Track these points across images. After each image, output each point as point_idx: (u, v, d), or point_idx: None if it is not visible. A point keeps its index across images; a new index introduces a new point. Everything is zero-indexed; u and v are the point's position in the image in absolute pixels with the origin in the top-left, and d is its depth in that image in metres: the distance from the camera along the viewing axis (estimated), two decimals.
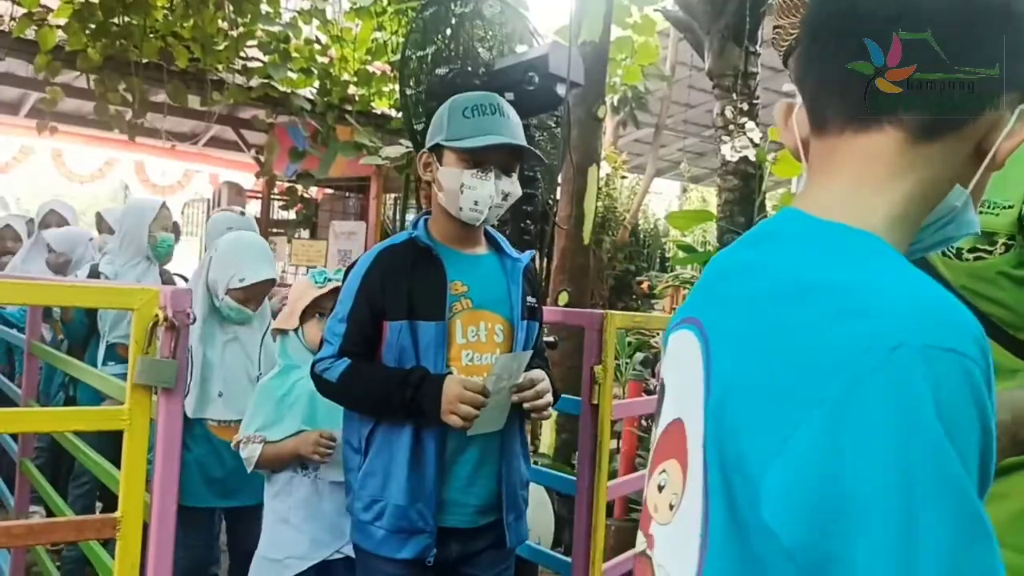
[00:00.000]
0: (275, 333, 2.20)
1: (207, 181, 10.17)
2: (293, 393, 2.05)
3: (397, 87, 3.26)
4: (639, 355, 6.93)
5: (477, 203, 1.75)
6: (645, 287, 10.09)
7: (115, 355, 3.09)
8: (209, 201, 9.52)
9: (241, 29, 5.95)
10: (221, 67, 6.04)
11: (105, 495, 3.25)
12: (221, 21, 5.80)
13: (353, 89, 6.71)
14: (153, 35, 5.61)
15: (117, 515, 1.48)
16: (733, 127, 4.95)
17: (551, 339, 2.76)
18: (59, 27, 5.38)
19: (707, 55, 5.14)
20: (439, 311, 1.72)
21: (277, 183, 8.35)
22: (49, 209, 4.26)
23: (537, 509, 3.30)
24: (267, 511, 2.08)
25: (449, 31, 2.78)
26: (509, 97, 2.51)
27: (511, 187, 1.80)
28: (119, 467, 1.52)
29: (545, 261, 3.66)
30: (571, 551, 2.28)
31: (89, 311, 3.22)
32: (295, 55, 6.40)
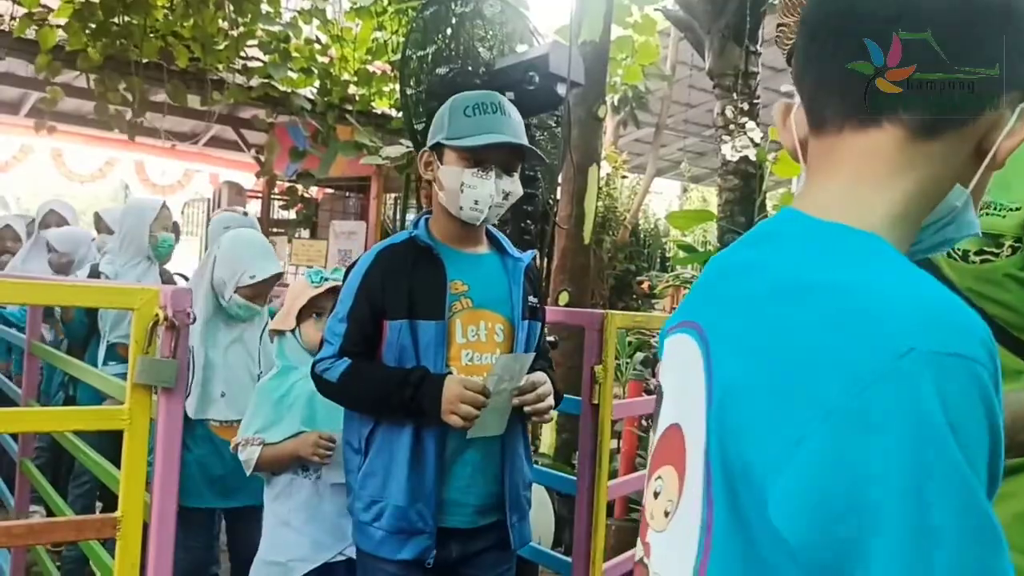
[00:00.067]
0: (272, 334, 2.19)
1: (207, 181, 10.17)
2: (292, 394, 2.04)
3: (397, 87, 3.26)
4: (639, 355, 6.94)
5: (477, 202, 1.75)
6: (645, 287, 10.10)
7: (115, 355, 3.09)
8: (209, 201, 9.53)
9: (241, 29, 5.95)
10: (221, 67, 6.04)
11: (105, 495, 3.25)
12: (221, 21, 5.80)
13: (353, 89, 6.71)
14: (153, 35, 5.62)
15: (117, 515, 1.48)
16: (734, 127, 4.95)
17: (552, 339, 2.75)
18: (59, 27, 5.39)
19: (707, 55, 5.14)
20: (439, 310, 1.72)
21: (277, 183, 8.35)
22: (49, 209, 4.26)
23: (537, 509, 3.30)
24: (267, 514, 2.06)
25: (449, 31, 2.78)
26: (509, 96, 2.51)
27: (512, 186, 1.79)
28: (119, 467, 1.52)
29: (545, 261, 3.66)
30: (571, 551, 2.28)
31: (89, 311, 3.22)
32: (295, 55, 6.40)
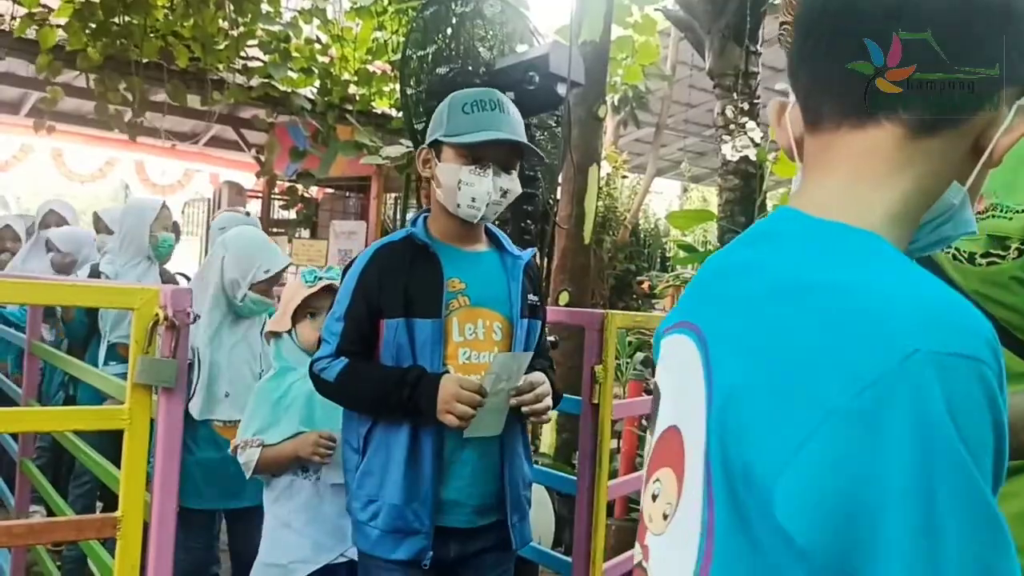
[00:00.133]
0: (268, 336, 2.18)
1: (207, 181, 10.17)
2: (290, 395, 2.03)
3: (398, 87, 3.26)
4: (639, 355, 6.94)
5: (475, 200, 1.74)
6: (646, 287, 10.10)
7: (116, 355, 3.09)
8: (209, 201, 9.53)
9: (241, 28, 5.96)
10: (221, 66, 6.04)
11: (106, 495, 3.25)
12: (222, 20, 5.80)
13: (354, 89, 6.71)
14: (153, 34, 5.62)
15: (117, 515, 1.48)
16: (734, 127, 4.96)
17: (552, 339, 2.75)
18: (59, 27, 5.39)
19: (708, 54, 5.14)
20: (435, 308, 1.70)
21: (277, 183, 8.35)
22: (49, 209, 4.25)
23: (537, 509, 3.30)
24: (267, 516, 2.05)
25: (450, 30, 2.78)
26: (510, 96, 2.51)
27: (510, 184, 1.78)
28: (119, 467, 1.52)
29: (545, 261, 3.66)
30: (571, 551, 2.28)
31: (90, 311, 3.22)
32: (295, 55, 6.40)
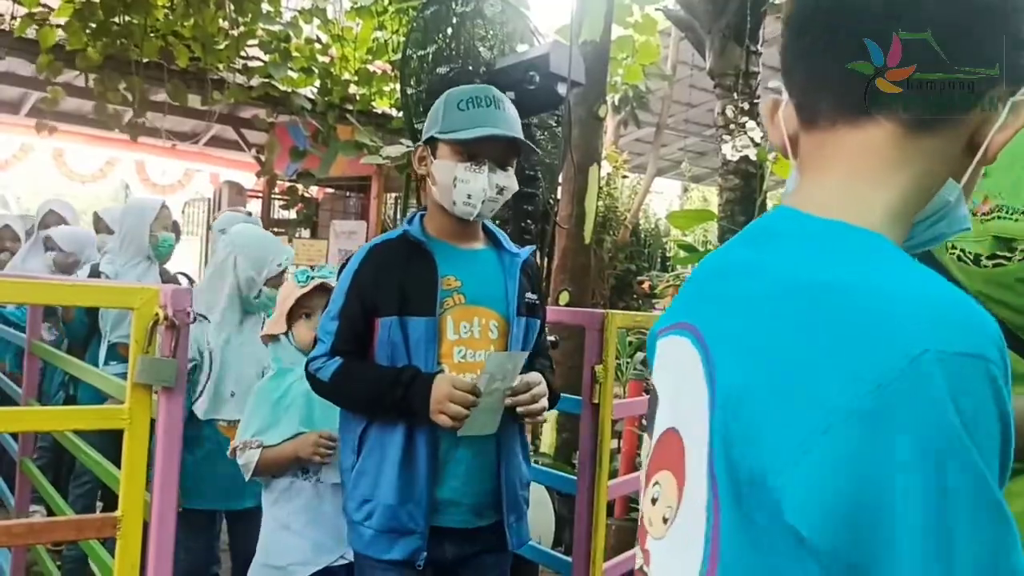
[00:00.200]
0: (266, 339, 2.17)
1: (208, 180, 10.17)
2: (289, 395, 2.02)
3: (398, 86, 3.26)
4: (640, 354, 6.94)
5: (470, 196, 1.72)
6: (646, 287, 10.10)
7: (116, 355, 3.09)
8: (210, 201, 9.53)
9: (242, 28, 5.96)
10: (222, 66, 6.04)
11: (106, 495, 3.25)
12: (222, 20, 5.80)
13: (354, 88, 6.71)
14: (154, 34, 5.62)
15: (117, 514, 1.48)
16: (734, 126, 4.95)
17: (552, 338, 2.75)
18: (59, 26, 5.39)
19: (708, 54, 5.14)
20: (429, 306, 1.69)
21: (278, 182, 8.35)
22: (48, 210, 4.25)
23: (537, 508, 3.30)
24: (266, 517, 2.04)
25: (450, 30, 2.78)
26: (510, 96, 2.51)
27: (506, 181, 1.76)
28: (120, 467, 1.52)
29: (546, 260, 3.66)
30: (571, 551, 2.27)
31: (90, 311, 3.22)
32: (296, 54, 6.40)
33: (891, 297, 0.57)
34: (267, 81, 6.35)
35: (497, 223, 1.92)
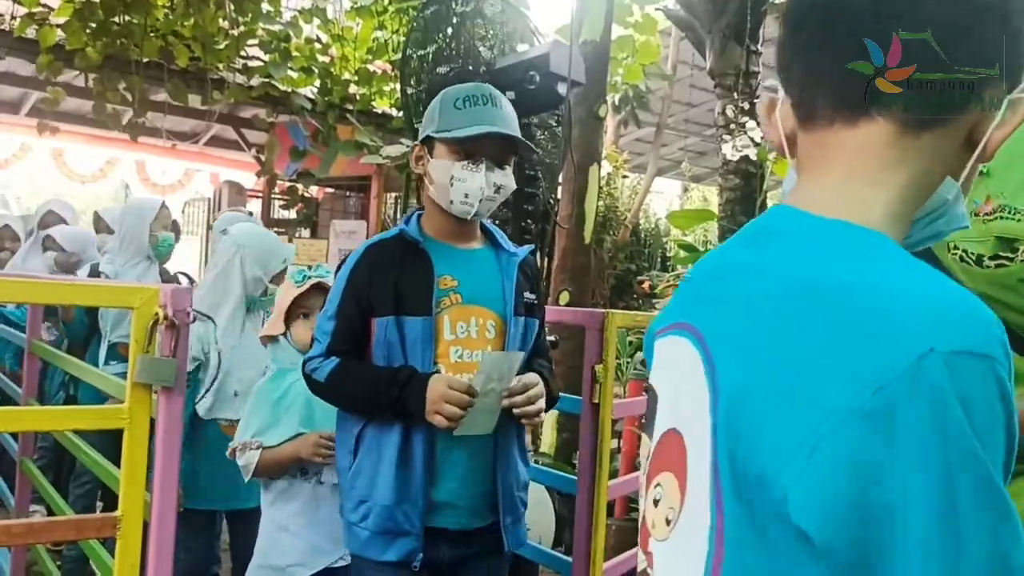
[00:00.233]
0: (264, 340, 2.16)
1: (208, 180, 10.17)
2: (289, 396, 2.01)
3: (398, 86, 3.26)
4: (640, 354, 6.93)
5: (467, 196, 1.70)
6: (646, 287, 10.09)
7: (117, 354, 3.09)
8: (210, 200, 9.53)
9: (242, 28, 5.96)
10: (222, 66, 6.04)
11: (106, 495, 3.25)
12: (222, 20, 5.80)
13: (354, 88, 6.71)
14: (154, 34, 5.62)
15: (117, 514, 1.48)
16: (734, 126, 4.95)
17: (552, 338, 2.75)
18: (59, 26, 5.39)
19: (708, 54, 5.14)
20: (425, 306, 1.67)
21: (278, 182, 8.36)
22: (48, 210, 4.25)
23: (537, 508, 3.29)
24: (265, 518, 2.03)
25: (450, 30, 2.78)
26: (510, 96, 2.51)
27: (504, 179, 1.74)
28: (120, 467, 1.52)
29: (546, 260, 3.66)
30: (572, 551, 2.27)
31: (90, 311, 3.22)
32: (296, 54, 6.40)
33: (895, 296, 0.57)
34: (267, 81, 6.35)
35: (497, 223, 1.91)
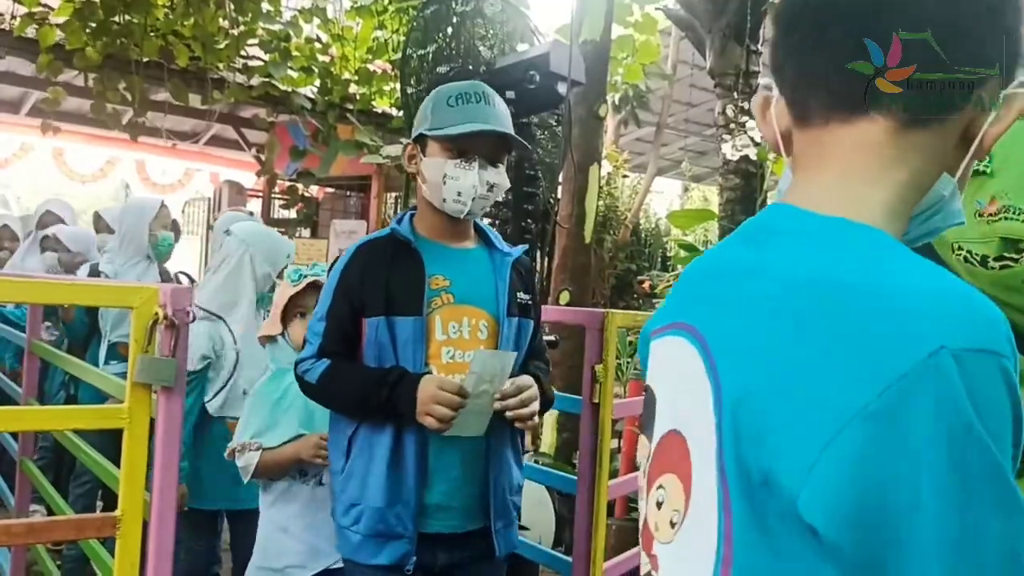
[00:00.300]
0: (263, 340, 2.16)
1: (208, 180, 10.17)
2: (288, 396, 2.00)
3: (398, 86, 3.26)
4: None
5: (460, 194, 1.68)
6: (646, 286, 10.09)
7: (117, 354, 3.10)
8: (210, 200, 9.52)
9: (242, 28, 5.96)
10: (222, 66, 6.04)
11: (106, 495, 3.25)
12: (222, 20, 5.80)
13: (354, 88, 6.71)
14: (154, 33, 5.62)
15: (117, 514, 1.48)
16: (734, 126, 4.95)
17: (552, 338, 2.75)
18: (59, 26, 5.39)
19: (708, 54, 5.13)
20: (416, 305, 1.65)
21: (278, 182, 8.35)
22: (46, 210, 4.25)
23: (537, 508, 3.30)
24: (264, 520, 2.03)
25: (450, 30, 2.78)
26: (510, 95, 2.51)
27: (497, 178, 1.72)
28: (120, 466, 1.52)
29: (546, 260, 3.66)
30: (572, 550, 2.27)
31: (90, 310, 3.22)
32: (296, 54, 6.40)
33: (902, 294, 0.56)
34: (267, 80, 6.34)
35: (497, 223, 1.91)
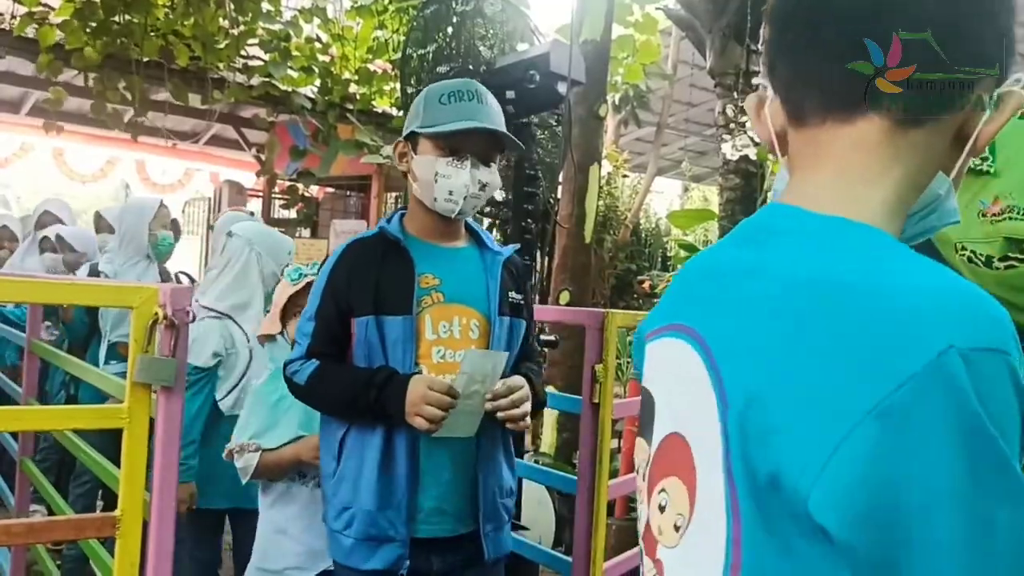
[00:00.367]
0: (262, 339, 2.16)
1: (208, 180, 10.17)
2: (287, 397, 1.96)
3: (398, 85, 3.26)
4: None
5: (452, 193, 1.66)
6: (647, 286, 10.09)
7: (117, 354, 3.10)
8: (210, 200, 9.53)
9: (242, 27, 5.96)
10: (222, 65, 6.04)
11: (106, 495, 3.25)
12: (222, 19, 5.80)
13: (354, 87, 6.71)
14: (154, 33, 5.62)
15: (117, 514, 1.48)
16: (734, 126, 4.95)
17: (552, 338, 2.75)
18: (59, 25, 5.39)
19: (709, 53, 5.13)
20: (406, 305, 1.63)
21: (278, 182, 8.35)
22: (44, 210, 4.25)
23: (538, 508, 3.30)
24: (263, 521, 2.02)
25: (450, 29, 2.78)
26: (510, 95, 2.51)
27: (489, 177, 1.70)
28: (120, 466, 1.51)
29: (546, 260, 3.66)
30: (572, 550, 2.27)
31: (90, 310, 3.22)
32: (296, 53, 6.40)
33: (905, 293, 0.56)
34: (267, 80, 6.34)
35: (497, 223, 1.91)
